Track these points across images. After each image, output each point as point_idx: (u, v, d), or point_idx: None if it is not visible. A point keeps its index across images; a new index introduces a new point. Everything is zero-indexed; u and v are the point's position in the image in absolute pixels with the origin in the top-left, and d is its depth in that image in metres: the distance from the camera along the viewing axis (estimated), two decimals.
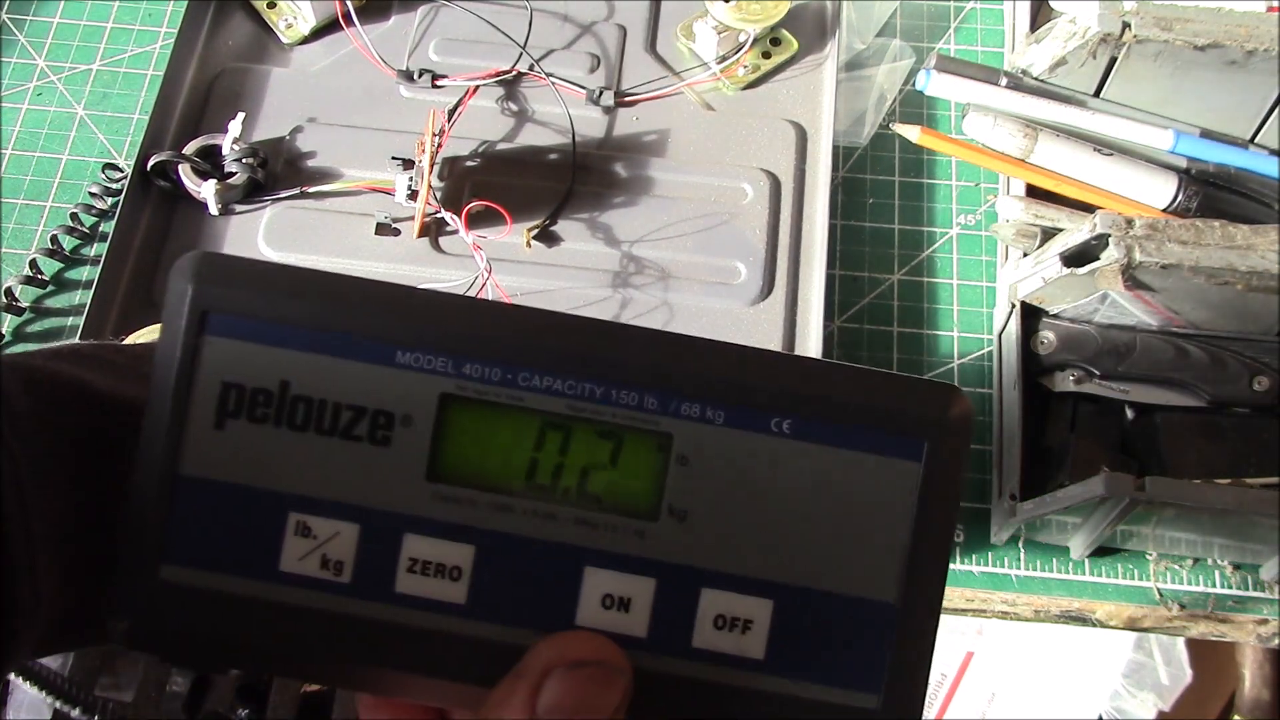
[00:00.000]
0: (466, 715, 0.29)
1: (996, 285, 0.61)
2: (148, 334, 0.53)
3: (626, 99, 0.64)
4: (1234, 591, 0.54)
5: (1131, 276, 0.49)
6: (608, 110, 0.63)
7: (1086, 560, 0.55)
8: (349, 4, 0.63)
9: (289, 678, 0.27)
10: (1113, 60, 0.56)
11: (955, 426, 0.27)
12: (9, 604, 0.27)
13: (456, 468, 0.27)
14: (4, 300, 0.58)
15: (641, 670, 0.27)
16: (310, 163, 0.61)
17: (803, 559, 0.27)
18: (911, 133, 0.59)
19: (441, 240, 0.59)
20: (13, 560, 0.27)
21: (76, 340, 0.55)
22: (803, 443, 0.27)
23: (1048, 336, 0.55)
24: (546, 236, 0.60)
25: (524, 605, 0.27)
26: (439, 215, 0.58)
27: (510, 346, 0.27)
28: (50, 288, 0.59)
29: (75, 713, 0.30)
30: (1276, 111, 0.56)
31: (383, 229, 0.59)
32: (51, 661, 0.93)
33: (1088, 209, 0.55)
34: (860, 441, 0.27)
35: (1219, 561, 0.55)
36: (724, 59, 0.64)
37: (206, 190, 0.58)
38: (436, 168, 0.58)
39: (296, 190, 0.60)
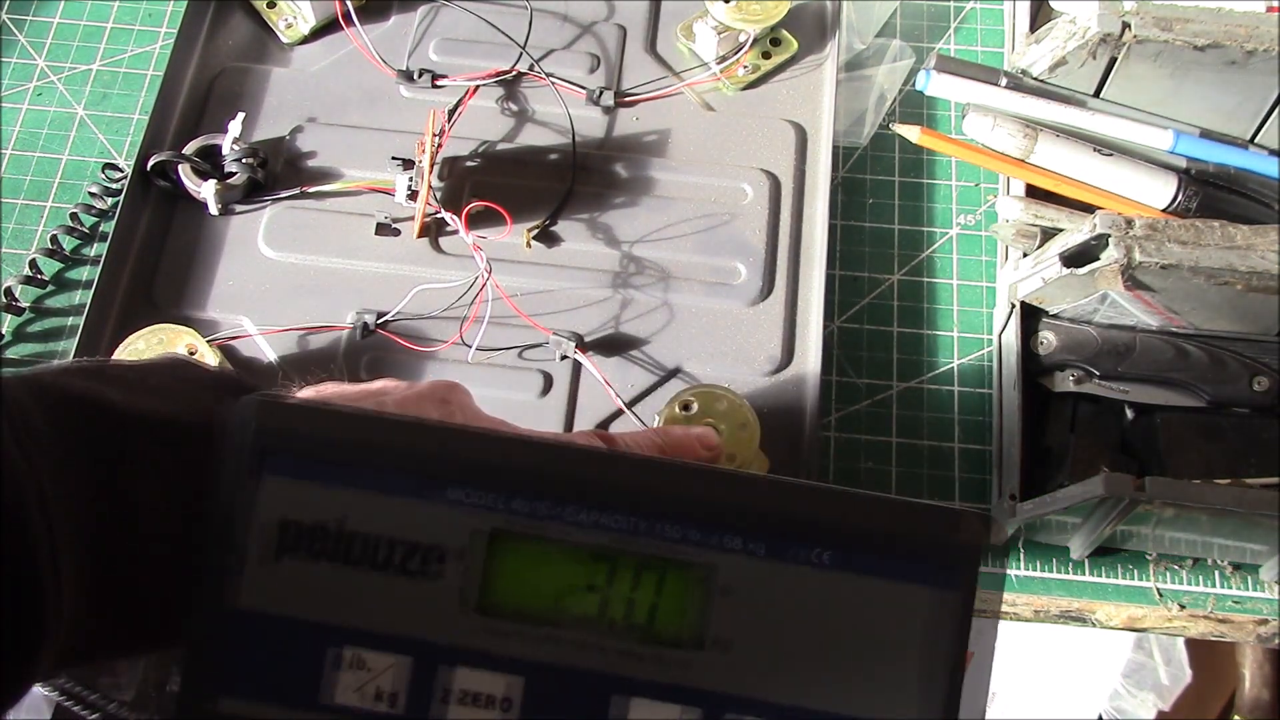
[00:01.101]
0: None
1: (996, 285, 0.61)
2: (139, 343, 0.53)
3: (626, 99, 0.64)
4: (1234, 591, 0.54)
5: (1131, 276, 0.49)
6: (608, 110, 0.63)
7: (1086, 560, 0.55)
8: (349, 4, 0.63)
9: None
10: (1113, 60, 0.56)
11: (988, 552, 0.28)
12: (37, 614, 0.27)
13: (505, 600, 0.28)
14: (4, 300, 0.58)
15: None
16: (310, 163, 0.61)
17: (844, 686, 0.28)
18: (911, 133, 0.59)
19: (441, 240, 0.59)
20: (39, 571, 0.27)
21: (72, 358, 0.55)
22: (843, 573, 0.28)
23: (1048, 336, 0.55)
24: (546, 236, 0.60)
25: None
26: (439, 215, 0.58)
27: (557, 482, 0.28)
28: (50, 288, 0.59)
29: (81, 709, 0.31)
30: (1276, 111, 0.56)
31: (383, 229, 0.59)
32: None
33: (1088, 209, 0.55)
34: (901, 571, 0.28)
35: (1219, 561, 0.55)
36: (724, 59, 0.64)
37: (206, 190, 0.58)
38: (436, 168, 0.58)
39: (296, 190, 0.60)
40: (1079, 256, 0.51)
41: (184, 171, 0.59)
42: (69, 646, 0.30)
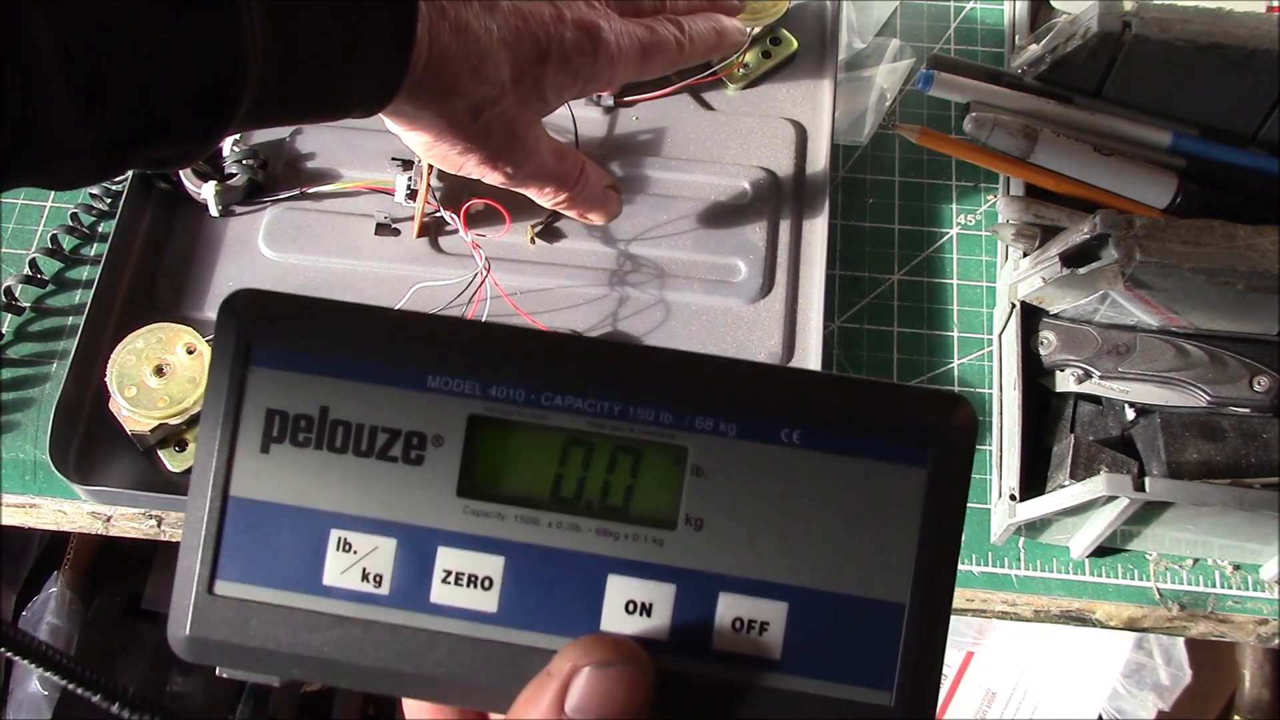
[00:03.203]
0: (502, 717, 0.31)
1: (996, 285, 0.61)
2: (138, 342, 0.53)
3: (626, 98, 0.64)
4: (1234, 591, 0.54)
5: (1132, 276, 0.49)
6: (608, 110, 0.63)
7: (1086, 560, 0.55)
8: None
9: (333, 684, 0.29)
10: (1113, 60, 0.56)
11: (959, 433, 0.28)
12: (239, 55, 0.34)
13: (485, 484, 0.29)
14: (4, 300, 0.58)
15: (665, 671, 0.28)
16: (310, 164, 0.61)
17: (815, 563, 0.29)
18: (912, 133, 0.59)
19: (441, 240, 0.59)
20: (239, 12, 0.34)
21: (73, 358, 0.55)
22: (813, 452, 0.29)
23: (1048, 336, 0.55)
24: (549, 233, 0.59)
25: (552, 612, 0.29)
26: (438, 215, 0.58)
27: (533, 368, 0.29)
28: (50, 287, 0.59)
29: (96, 698, 0.32)
30: (1276, 111, 0.56)
31: (382, 229, 0.59)
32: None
33: (1088, 209, 0.55)
34: (868, 449, 0.29)
35: (1219, 561, 0.55)
36: (723, 58, 0.64)
37: (207, 191, 0.58)
38: (436, 168, 0.58)
39: (296, 191, 0.60)
40: (1079, 256, 0.51)
41: (184, 173, 0.59)
42: (255, 102, 0.34)
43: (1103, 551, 0.54)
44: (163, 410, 0.51)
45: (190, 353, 0.52)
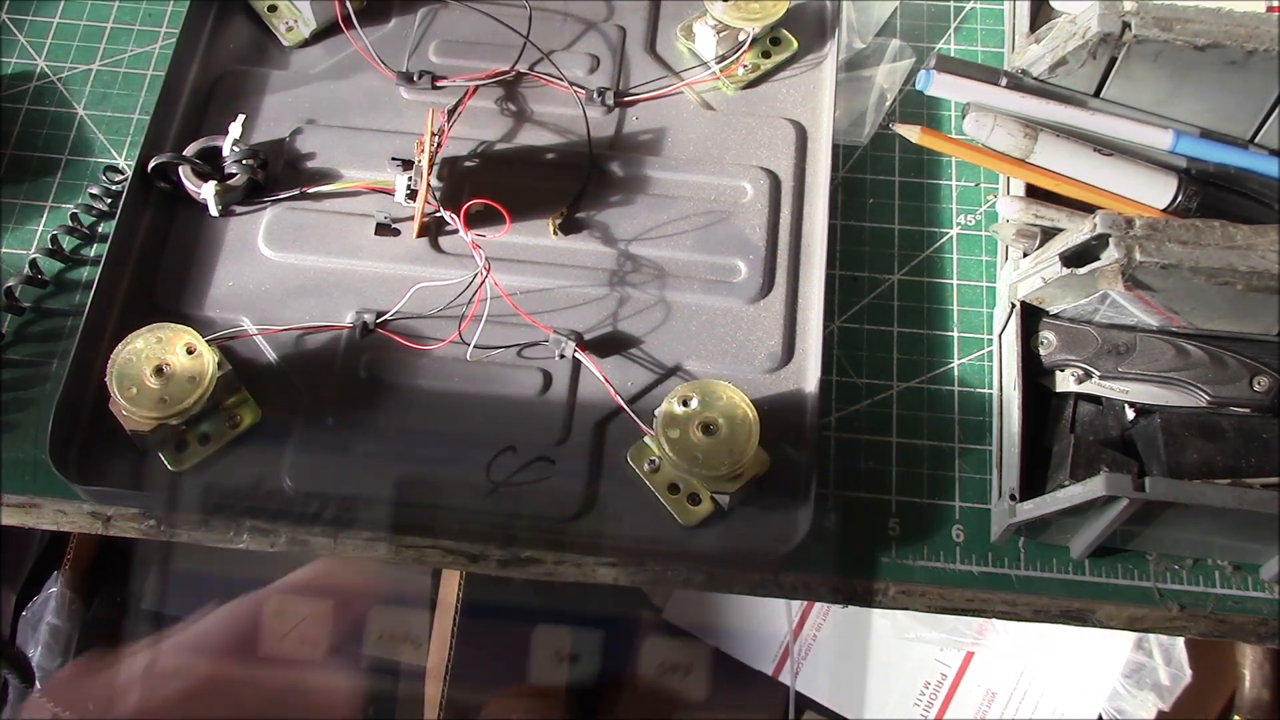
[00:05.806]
0: None
1: (996, 285, 0.61)
2: (138, 342, 0.53)
3: (627, 99, 0.64)
4: (1234, 591, 0.54)
5: (1132, 276, 0.49)
6: (608, 110, 0.63)
7: (1086, 560, 0.55)
8: (349, 7, 0.63)
9: None
10: (1113, 60, 0.56)
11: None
12: None
13: None
14: (4, 300, 0.58)
15: None
16: (310, 164, 0.61)
17: None
18: (911, 133, 0.59)
19: (441, 240, 0.59)
20: None
21: (72, 358, 0.55)
22: None
23: (1048, 336, 0.55)
24: (567, 225, 0.59)
25: None
26: (438, 215, 0.58)
27: None
28: (50, 288, 0.59)
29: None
30: (1276, 111, 0.56)
31: (382, 229, 0.59)
32: (51, 662, 0.94)
33: (1088, 209, 0.55)
34: None
35: (1219, 561, 0.55)
36: (723, 58, 0.64)
37: (207, 191, 0.58)
38: (436, 168, 0.58)
39: (296, 191, 0.60)
40: (1079, 256, 0.51)
41: (184, 173, 0.59)
42: None
43: (1103, 551, 0.54)
44: (163, 410, 0.51)
45: (190, 353, 0.52)
